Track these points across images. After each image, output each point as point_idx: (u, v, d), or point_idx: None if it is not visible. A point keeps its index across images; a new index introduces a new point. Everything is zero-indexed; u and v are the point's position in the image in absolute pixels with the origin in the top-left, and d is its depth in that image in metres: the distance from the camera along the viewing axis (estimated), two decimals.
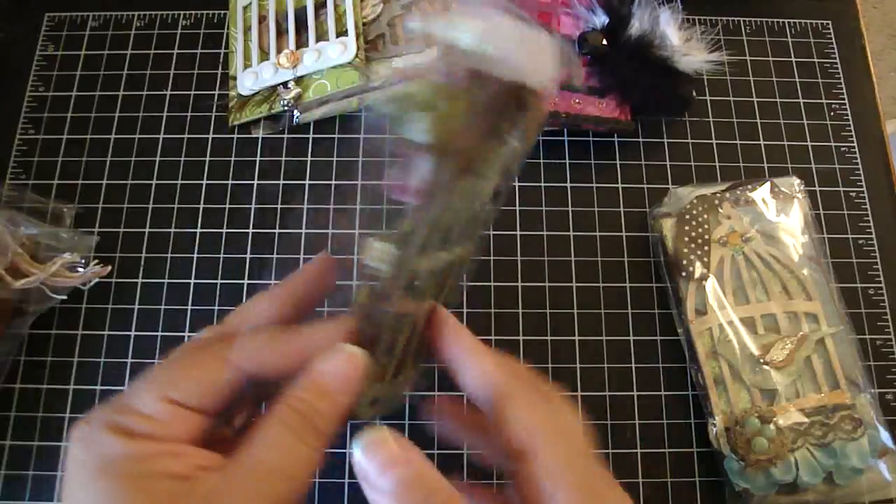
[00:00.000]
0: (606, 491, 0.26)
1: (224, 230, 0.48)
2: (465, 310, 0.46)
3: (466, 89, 0.26)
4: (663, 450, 0.44)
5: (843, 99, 0.53)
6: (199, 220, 0.48)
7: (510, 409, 0.26)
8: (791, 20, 0.55)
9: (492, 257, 0.47)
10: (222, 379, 0.25)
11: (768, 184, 0.47)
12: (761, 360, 0.43)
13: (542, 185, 0.49)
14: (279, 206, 0.49)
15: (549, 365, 0.45)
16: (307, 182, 0.49)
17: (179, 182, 0.49)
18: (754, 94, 0.53)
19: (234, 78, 0.51)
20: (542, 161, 0.50)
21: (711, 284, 0.44)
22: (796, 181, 0.47)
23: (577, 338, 0.46)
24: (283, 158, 0.50)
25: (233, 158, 0.50)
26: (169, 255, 0.47)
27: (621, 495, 0.26)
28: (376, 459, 0.23)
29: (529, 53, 0.26)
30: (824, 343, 0.43)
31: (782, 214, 0.46)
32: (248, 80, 0.50)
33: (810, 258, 0.45)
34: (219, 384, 0.25)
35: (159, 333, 0.45)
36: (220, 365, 0.25)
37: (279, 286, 0.29)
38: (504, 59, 0.25)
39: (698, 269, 0.44)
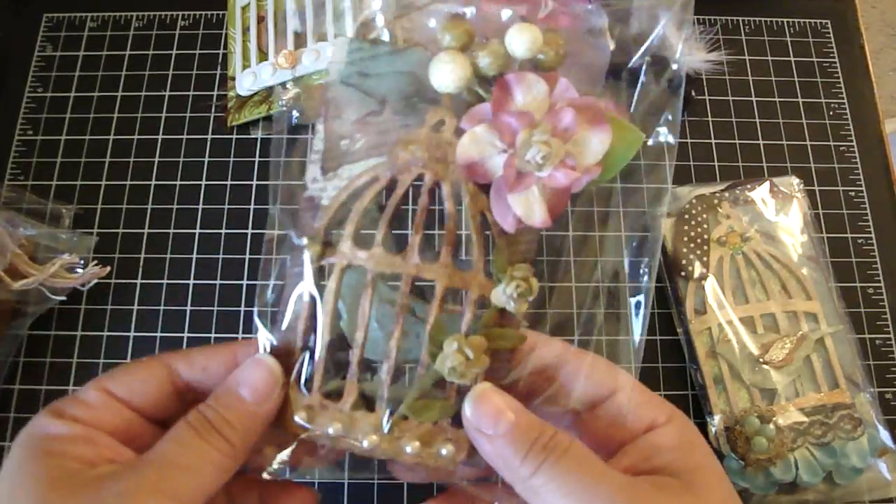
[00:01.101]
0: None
1: (223, 231, 0.48)
2: None
3: None
4: None
5: (842, 98, 0.53)
6: (199, 220, 0.48)
7: (587, 361, 0.29)
8: (790, 19, 0.55)
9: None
10: (158, 377, 0.27)
11: (767, 183, 0.47)
12: (761, 360, 0.42)
13: None
14: (278, 206, 0.49)
15: None
16: (307, 182, 0.49)
17: (178, 183, 0.49)
18: (753, 94, 0.53)
19: (233, 78, 0.51)
20: None
21: (711, 284, 0.44)
22: (795, 181, 0.47)
23: (576, 338, 0.46)
24: (282, 159, 0.50)
25: (232, 159, 0.50)
26: (168, 255, 0.47)
27: None
28: (487, 410, 0.25)
29: None
30: (824, 342, 0.43)
31: (781, 214, 0.46)
32: (247, 81, 0.50)
33: (809, 258, 0.45)
34: (154, 382, 0.27)
35: (158, 334, 0.45)
36: (159, 365, 0.27)
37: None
38: None
39: (697, 269, 0.44)
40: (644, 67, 0.30)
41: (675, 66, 0.30)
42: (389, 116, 0.27)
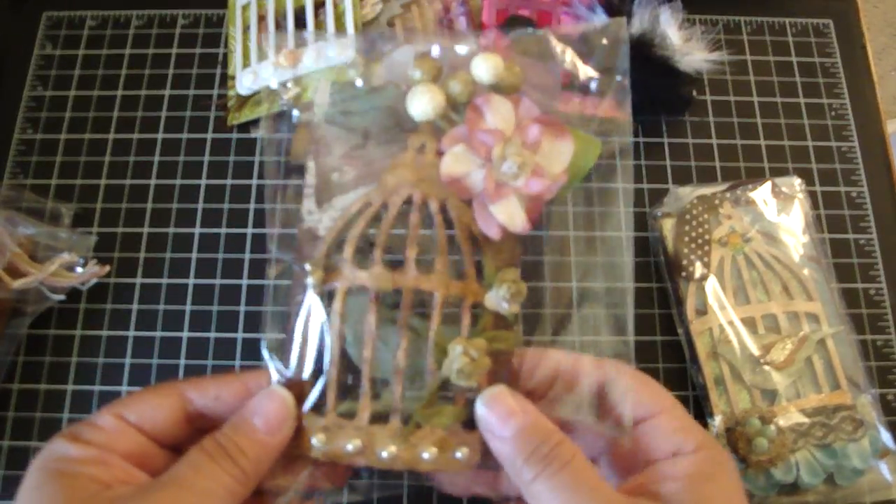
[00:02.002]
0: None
1: (223, 230, 0.48)
2: None
3: None
4: None
5: (844, 98, 0.53)
6: (198, 220, 0.48)
7: (623, 381, 0.29)
8: (792, 19, 0.55)
9: None
10: (171, 404, 0.28)
11: (769, 184, 0.47)
12: (762, 361, 0.42)
13: None
14: (277, 205, 0.48)
15: None
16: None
17: (178, 182, 0.49)
18: (755, 94, 0.53)
19: (233, 77, 0.51)
20: None
21: (712, 284, 0.44)
22: (797, 181, 0.47)
23: (577, 338, 0.46)
24: (282, 158, 0.50)
25: (231, 158, 0.50)
26: (168, 255, 0.47)
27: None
28: (498, 411, 0.26)
29: None
30: (825, 343, 0.43)
31: (783, 214, 0.46)
32: (247, 80, 0.50)
33: (811, 258, 0.45)
34: (167, 409, 0.28)
35: (158, 334, 0.45)
36: (172, 393, 0.28)
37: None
38: None
39: (698, 270, 0.44)
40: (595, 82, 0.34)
41: (619, 78, 0.33)
42: (373, 148, 0.30)
